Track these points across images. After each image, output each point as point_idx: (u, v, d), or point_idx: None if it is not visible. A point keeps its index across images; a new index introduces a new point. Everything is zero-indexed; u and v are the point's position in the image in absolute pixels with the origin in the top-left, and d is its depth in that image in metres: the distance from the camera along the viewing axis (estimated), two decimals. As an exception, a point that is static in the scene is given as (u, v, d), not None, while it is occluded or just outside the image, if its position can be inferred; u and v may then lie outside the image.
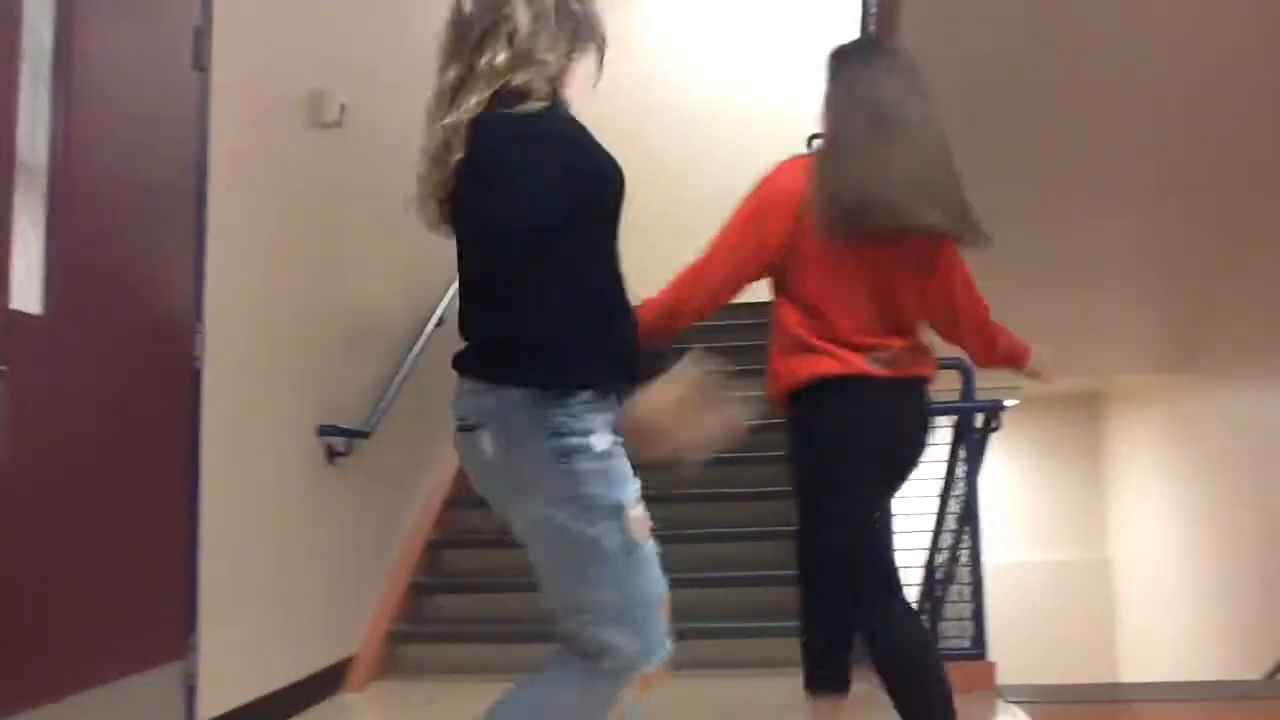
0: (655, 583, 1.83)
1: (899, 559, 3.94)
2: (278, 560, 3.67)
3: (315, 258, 4.03)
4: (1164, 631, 8.57)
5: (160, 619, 3.03)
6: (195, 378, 3.17)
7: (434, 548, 5.02)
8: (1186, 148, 5.65)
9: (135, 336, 2.96)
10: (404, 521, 4.94)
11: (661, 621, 1.84)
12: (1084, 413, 10.43)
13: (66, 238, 2.66)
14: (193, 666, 3.11)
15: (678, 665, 1.88)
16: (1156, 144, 5.65)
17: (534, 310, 1.78)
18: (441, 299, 5.28)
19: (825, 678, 2.67)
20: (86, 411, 2.73)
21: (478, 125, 1.87)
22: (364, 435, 4.22)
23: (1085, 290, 6.85)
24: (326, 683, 4.01)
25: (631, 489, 1.80)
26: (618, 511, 1.77)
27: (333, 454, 4.05)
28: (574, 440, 1.75)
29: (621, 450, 1.81)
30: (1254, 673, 6.16)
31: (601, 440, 1.77)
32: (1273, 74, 5.16)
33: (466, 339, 1.93)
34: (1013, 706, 3.58)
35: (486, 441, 1.82)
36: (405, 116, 5.06)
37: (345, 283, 4.31)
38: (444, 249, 1.94)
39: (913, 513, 4.32)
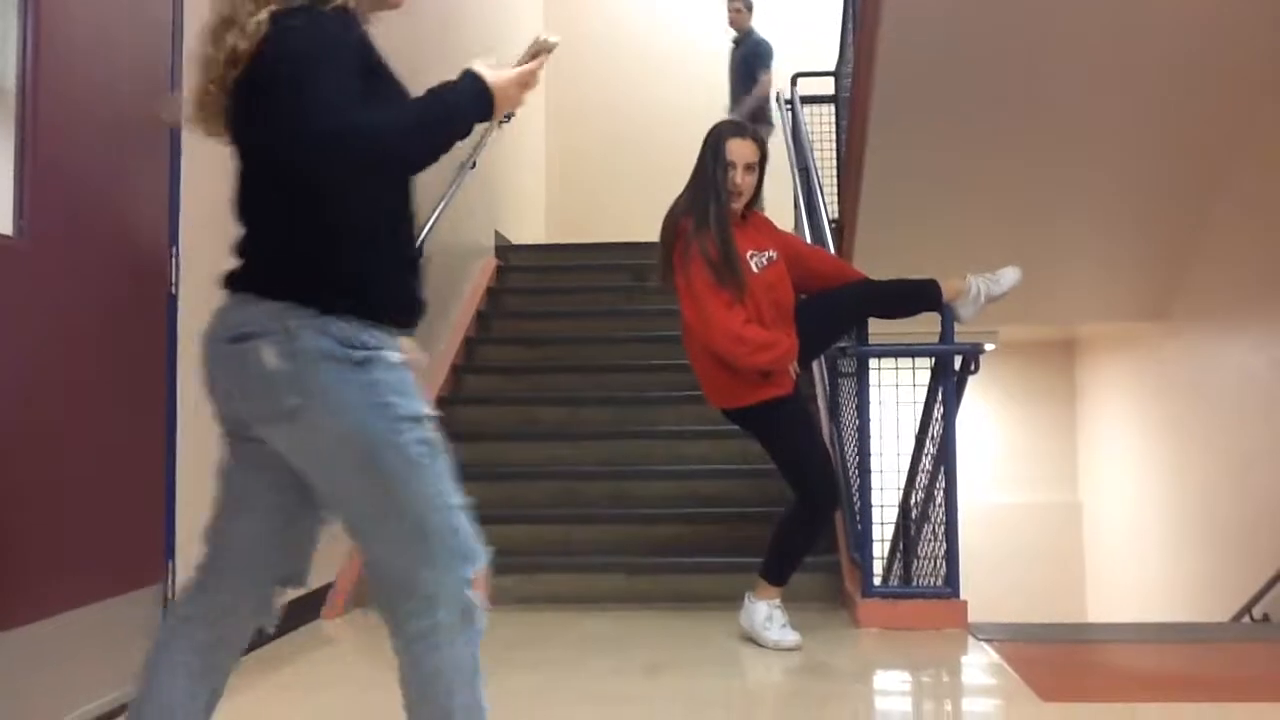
0: (454, 491, 1.81)
1: (877, 499, 4.04)
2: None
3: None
4: (1133, 574, 8.71)
5: (138, 543, 3.02)
6: (171, 303, 3.14)
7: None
8: (1165, 97, 5.65)
9: (109, 260, 2.91)
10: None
11: (469, 529, 1.82)
12: (1059, 358, 10.50)
13: (37, 159, 2.60)
14: (170, 590, 3.12)
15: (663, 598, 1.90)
16: (1135, 93, 5.65)
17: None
18: (422, 229, 5.24)
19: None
20: (59, 334, 2.69)
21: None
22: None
23: (1060, 238, 6.88)
24: (305, 609, 4.03)
25: (426, 401, 1.80)
26: (418, 421, 1.76)
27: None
28: (368, 353, 1.73)
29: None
30: (1221, 616, 6.28)
31: (394, 353, 1.77)
32: (1253, 24, 5.15)
33: None
34: (983, 644, 3.63)
35: (269, 352, 1.74)
36: (387, 46, 4.99)
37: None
38: (424, 178, 1.90)
39: (890, 453, 4.38)
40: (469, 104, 1.77)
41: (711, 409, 3.81)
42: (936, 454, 4.11)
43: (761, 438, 3.73)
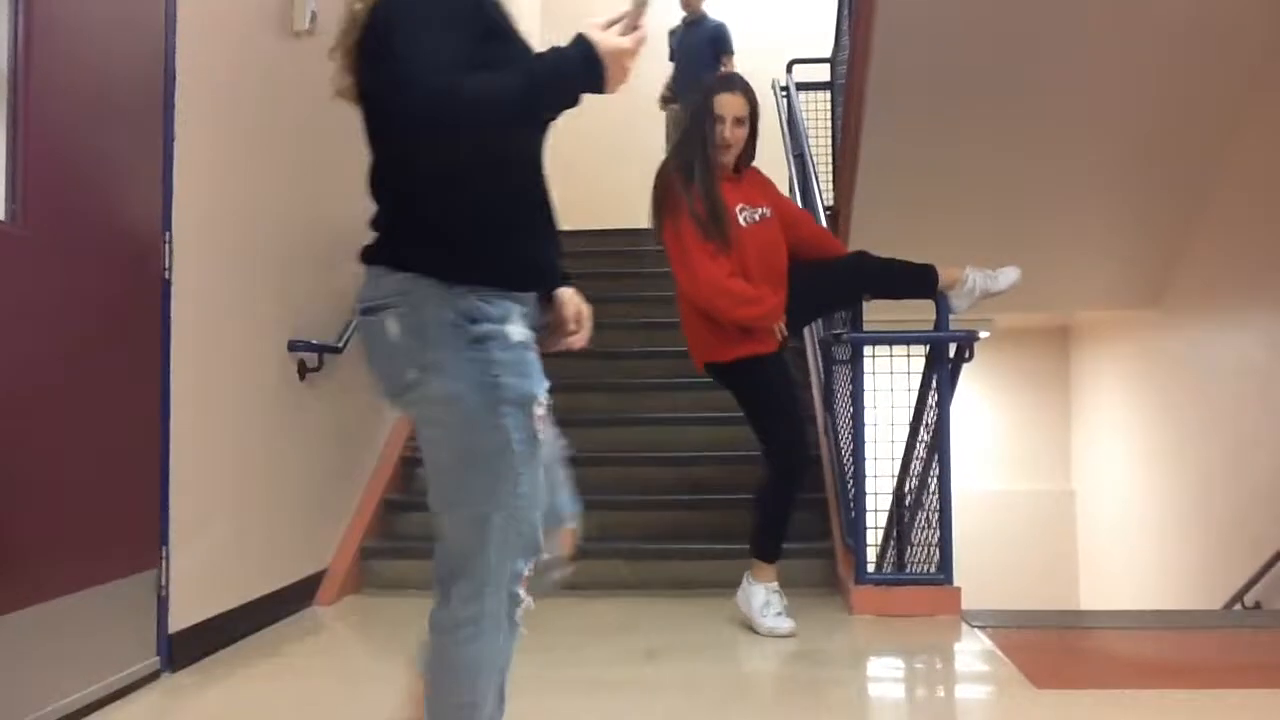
0: (541, 483, 1.79)
1: (872, 486, 4.04)
2: (249, 473, 3.66)
3: (288, 169, 3.96)
4: (1126, 562, 8.73)
5: (132, 529, 3.02)
6: (164, 288, 3.13)
7: (407, 464, 5.02)
8: (1162, 87, 5.66)
9: (103, 245, 2.90)
10: (377, 438, 4.94)
11: (541, 526, 1.80)
12: (1053, 346, 10.51)
13: (29, 145, 2.59)
14: (164, 577, 3.12)
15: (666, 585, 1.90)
16: (1132, 83, 5.65)
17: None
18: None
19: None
20: (53, 319, 2.68)
21: None
22: (336, 350, 4.19)
23: (1056, 225, 6.88)
24: (299, 595, 4.03)
25: (543, 386, 1.77)
26: (526, 405, 1.73)
27: (304, 369, 4.02)
28: (489, 327, 1.72)
29: (532, 344, 1.78)
30: (1214, 604, 6.30)
31: (518, 330, 1.75)
32: (1249, 17, 5.15)
33: None
34: (976, 630, 3.64)
35: (391, 322, 1.76)
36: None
37: (319, 195, 4.24)
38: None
39: (884, 440, 4.38)
40: (578, 71, 1.67)
41: (706, 386, 3.78)
42: (931, 441, 4.11)
43: (737, 394, 3.75)
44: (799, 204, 5.96)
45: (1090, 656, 3.55)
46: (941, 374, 3.99)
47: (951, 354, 3.97)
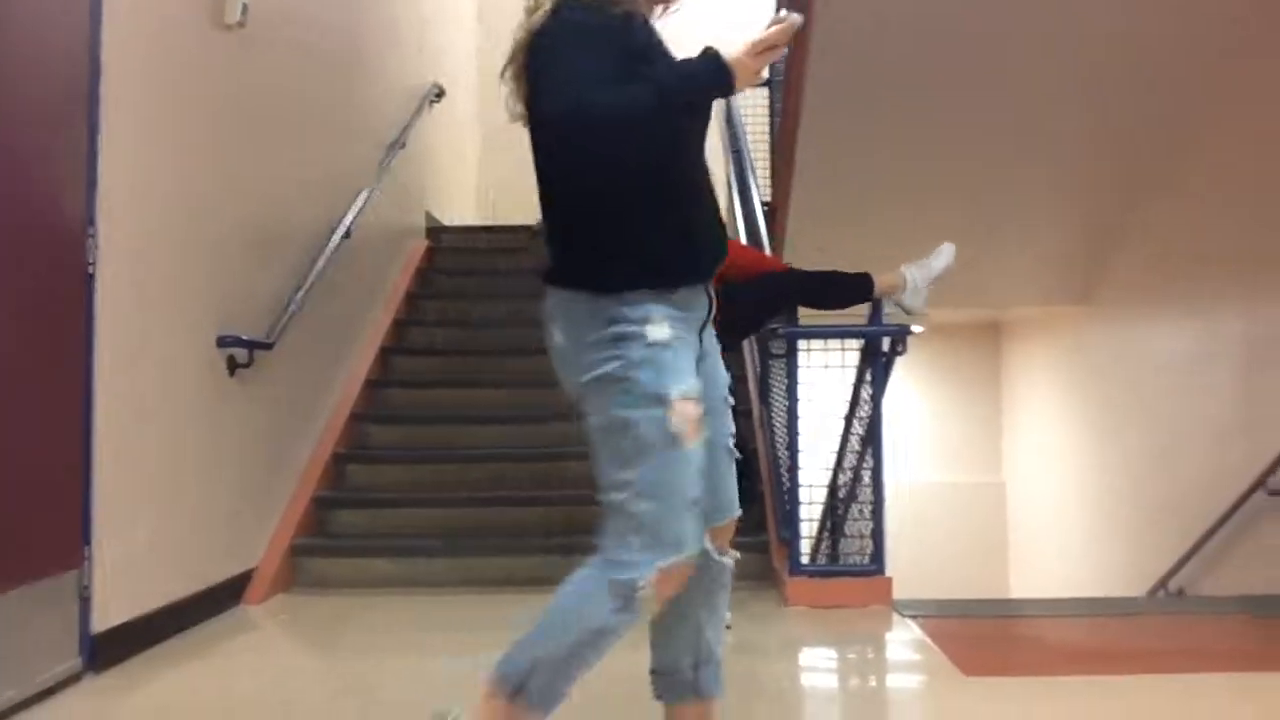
0: (687, 482, 1.86)
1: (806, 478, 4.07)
2: (176, 471, 3.59)
3: (217, 163, 3.89)
4: (1055, 553, 8.90)
5: (54, 528, 2.95)
6: (88, 282, 3.06)
7: (338, 461, 4.97)
8: (1092, 89, 5.75)
9: (24, 238, 2.83)
10: (308, 435, 4.87)
11: (688, 522, 1.86)
12: (984, 341, 10.67)
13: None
14: (87, 577, 3.05)
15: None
16: (1063, 83, 5.74)
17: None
18: (349, 209, 5.17)
19: None
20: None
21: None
22: (267, 346, 4.13)
23: (987, 222, 6.97)
24: (227, 595, 3.97)
25: (683, 384, 1.86)
26: (661, 401, 1.82)
27: (234, 365, 3.96)
28: (628, 328, 1.85)
29: (681, 343, 1.89)
30: (1140, 593, 6.44)
31: (658, 330, 1.85)
32: (1182, 21, 5.25)
33: None
34: (907, 619, 3.68)
35: (556, 333, 1.96)
36: (310, 20, 4.89)
37: (248, 190, 4.17)
38: (352, 158, 1.89)
39: (819, 433, 4.42)
40: (706, 76, 1.84)
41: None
42: (864, 434, 4.16)
43: None
44: (737, 200, 5.99)
45: (1019, 644, 3.62)
46: (875, 368, 4.03)
47: (885, 348, 4.02)
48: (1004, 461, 10.48)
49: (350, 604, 4.19)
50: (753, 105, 7.65)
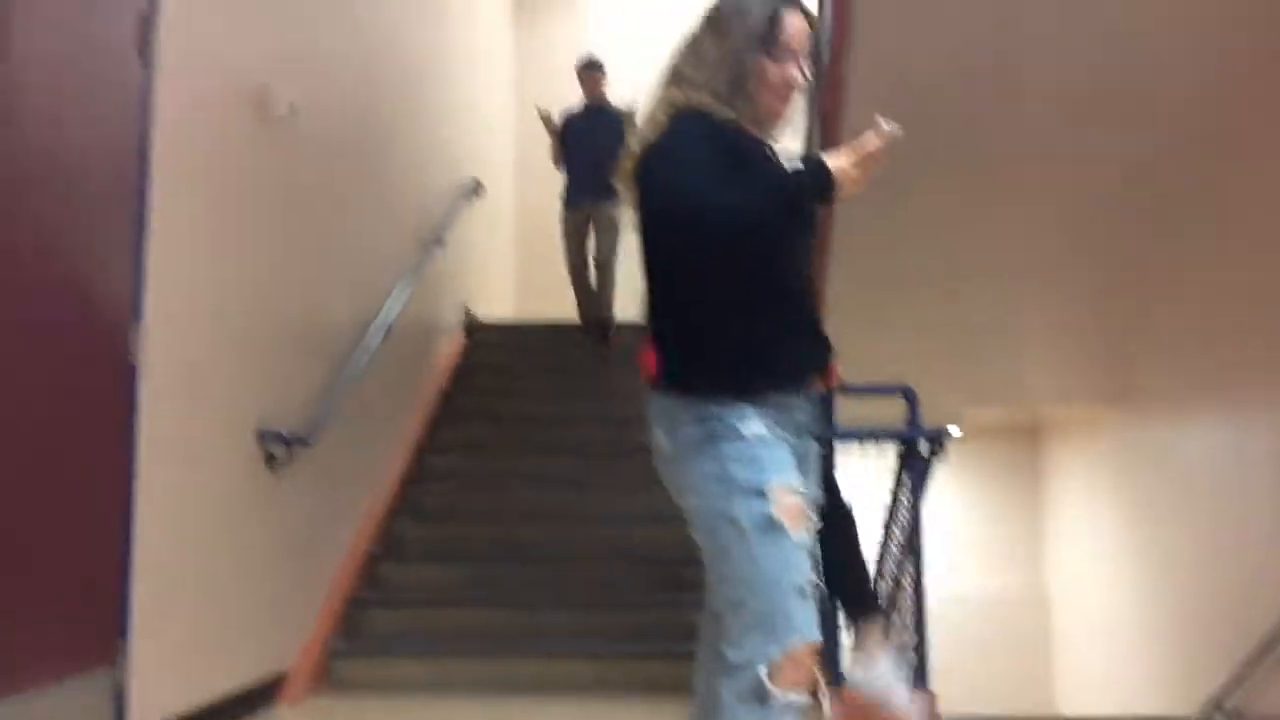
0: (794, 570, 1.88)
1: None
2: (213, 568, 3.57)
3: (260, 257, 3.94)
4: (1101, 663, 8.66)
5: (90, 624, 2.93)
6: (132, 376, 3.08)
7: (373, 560, 4.93)
8: (1127, 186, 5.76)
9: (71, 331, 2.86)
10: (343, 532, 4.85)
11: (799, 609, 1.87)
12: (1023, 444, 10.54)
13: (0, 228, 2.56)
14: (123, 674, 3.01)
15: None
16: (1096, 184, 5.75)
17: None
18: (389, 304, 5.21)
19: None
20: (17, 405, 2.63)
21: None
22: (305, 443, 4.13)
23: (1025, 323, 6.96)
24: (260, 696, 3.90)
25: (781, 476, 1.93)
26: (759, 493, 1.89)
27: (272, 460, 3.96)
28: (720, 425, 1.94)
29: (778, 440, 1.97)
30: (1190, 706, 6.23)
31: (751, 427, 1.94)
32: (1215, 113, 5.27)
33: None
34: (954, 736, 3.57)
35: (659, 436, 2.05)
36: (355, 114, 5.00)
37: (291, 284, 4.22)
38: (391, 254, 1.92)
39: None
40: (810, 182, 1.96)
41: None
42: (904, 541, 4.08)
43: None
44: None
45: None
46: (914, 471, 3.98)
47: (924, 452, 3.97)
48: (1047, 567, 10.27)
49: (383, 708, 4.12)
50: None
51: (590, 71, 6.97)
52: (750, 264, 1.98)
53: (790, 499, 1.90)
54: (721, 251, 1.95)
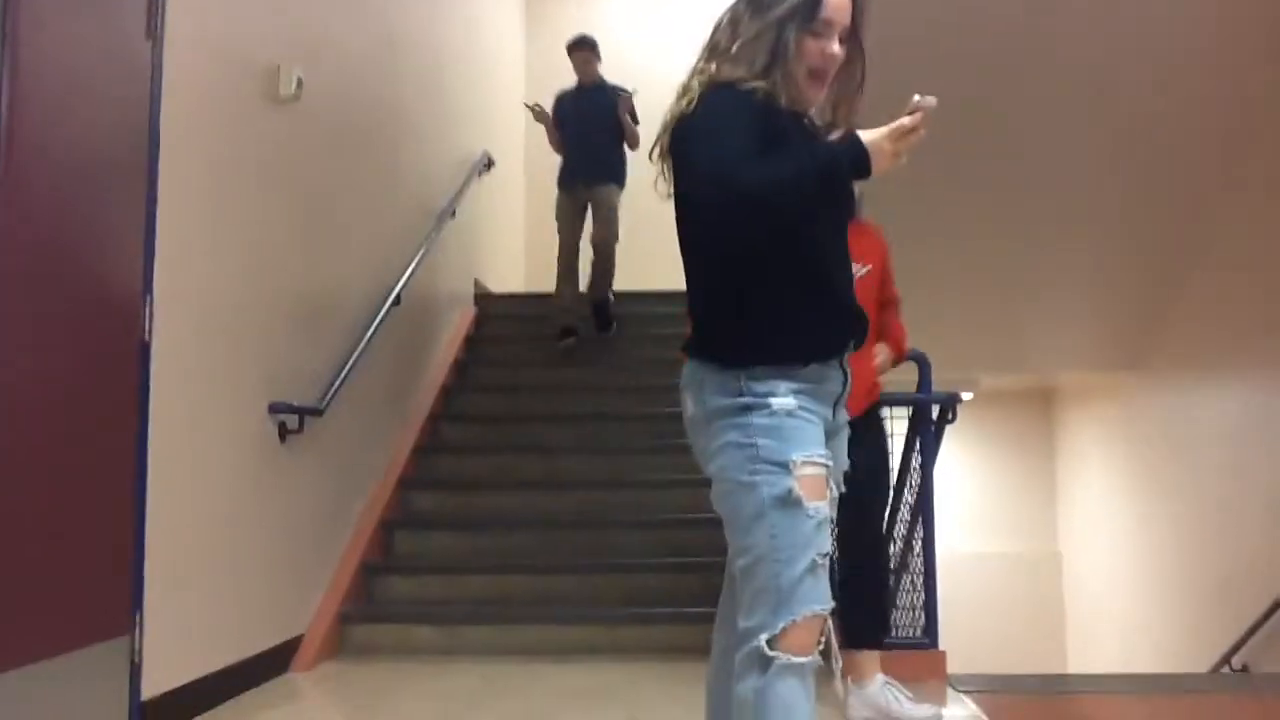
0: (811, 541, 1.89)
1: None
2: (226, 537, 3.61)
3: (270, 233, 3.96)
4: (1113, 624, 8.68)
5: (104, 594, 2.97)
6: (144, 351, 3.11)
7: (386, 528, 4.98)
8: (1144, 152, 5.73)
9: (83, 307, 2.88)
10: (356, 501, 4.89)
11: (811, 581, 1.88)
12: (1037, 408, 10.53)
13: (11, 207, 2.58)
14: (137, 642, 3.06)
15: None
16: (1115, 149, 5.72)
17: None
18: (400, 277, 5.23)
19: None
20: (34, 383, 2.66)
21: None
22: (317, 413, 4.16)
23: (1041, 289, 6.93)
24: (274, 662, 3.96)
25: (807, 450, 1.93)
26: (782, 466, 1.90)
27: (285, 432, 3.99)
28: (750, 397, 1.95)
29: (808, 414, 1.97)
30: (1201, 666, 6.26)
31: (783, 401, 1.94)
32: (1229, 84, 5.24)
33: None
34: (962, 695, 3.59)
35: (689, 402, 2.07)
36: (365, 90, 5.00)
37: (302, 258, 4.24)
38: (403, 227, 1.92)
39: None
40: (845, 158, 1.93)
41: (686, 449, 3.76)
42: (915, 503, 4.10)
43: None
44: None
45: (1078, 722, 3.51)
46: (925, 435, 3.98)
47: (935, 415, 3.97)
48: (1059, 531, 10.28)
49: (395, 672, 4.16)
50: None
51: (580, 49, 6.65)
52: (784, 238, 1.99)
53: (811, 470, 1.91)
54: (752, 226, 1.96)
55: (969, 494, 10.24)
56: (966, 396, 3.98)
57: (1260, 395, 5.97)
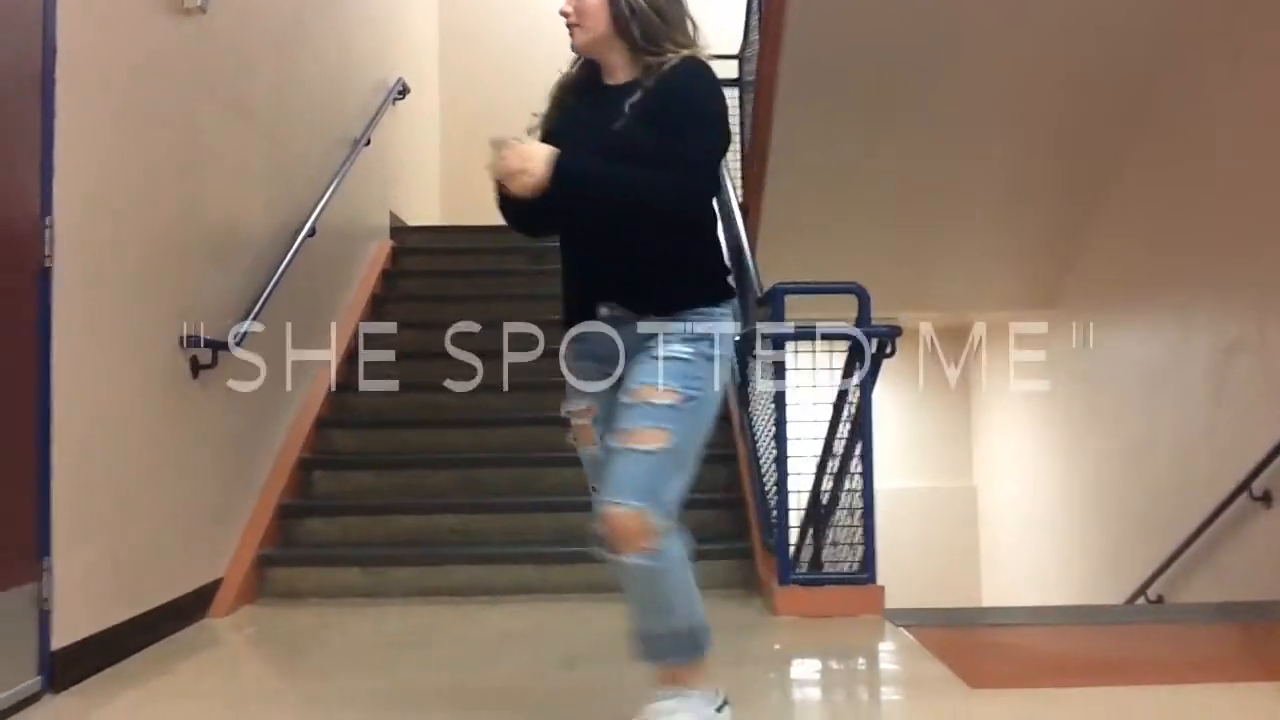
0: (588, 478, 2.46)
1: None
2: (138, 477, 3.41)
3: (177, 155, 3.71)
4: (1027, 558, 8.88)
5: (9, 540, 2.77)
6: (45, 277, 2.89)
7: (304, 467, 4.79)
8: (1053, 89, 5.76)
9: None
10: (274, 440, 4.70)
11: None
12: (954, 345, 10.64)
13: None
14: (46, 589, 2.87)
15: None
16: (1026, 92, 5.75)
17: None
18: (314, 206, 5.00)
19: None
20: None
21: None
22: (227, 348, 3.94)
23: (955, 229, 6.97)
24: (192, 607, 3.79)
25: (568, 404, 2.42)
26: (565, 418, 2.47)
27: (198, 366, 3.78)
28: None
29: (577, 368, 2.40)
30: (1116, 599, 6.40)
31: (565, 358, 2.43)
32: (1145, 18, 5.26)
33: None
34: (900, 629, 3.58)
35: None
36: (272, 10, 4.69)
37: (210, 184, 4.00)
38: (316, 154, 1.75)
39: (802, 437, 4.30)
40: None
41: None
42: (850, 438, 4.05)
43: None
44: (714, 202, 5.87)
45: (1013, 655, 3.51)
46: (864, 370, 3.92)
47: (874, 350, 3.91)
48: (975, 467, 10.47)
49: (317, 615, 4.02)
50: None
51: None
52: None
53: (577, 421, 2.42)
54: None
55: (887, 430, 10.33)
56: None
57: (1172, 334, 6.07)
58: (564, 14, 2.29)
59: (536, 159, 2.13)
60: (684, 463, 2.23)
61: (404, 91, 7.15)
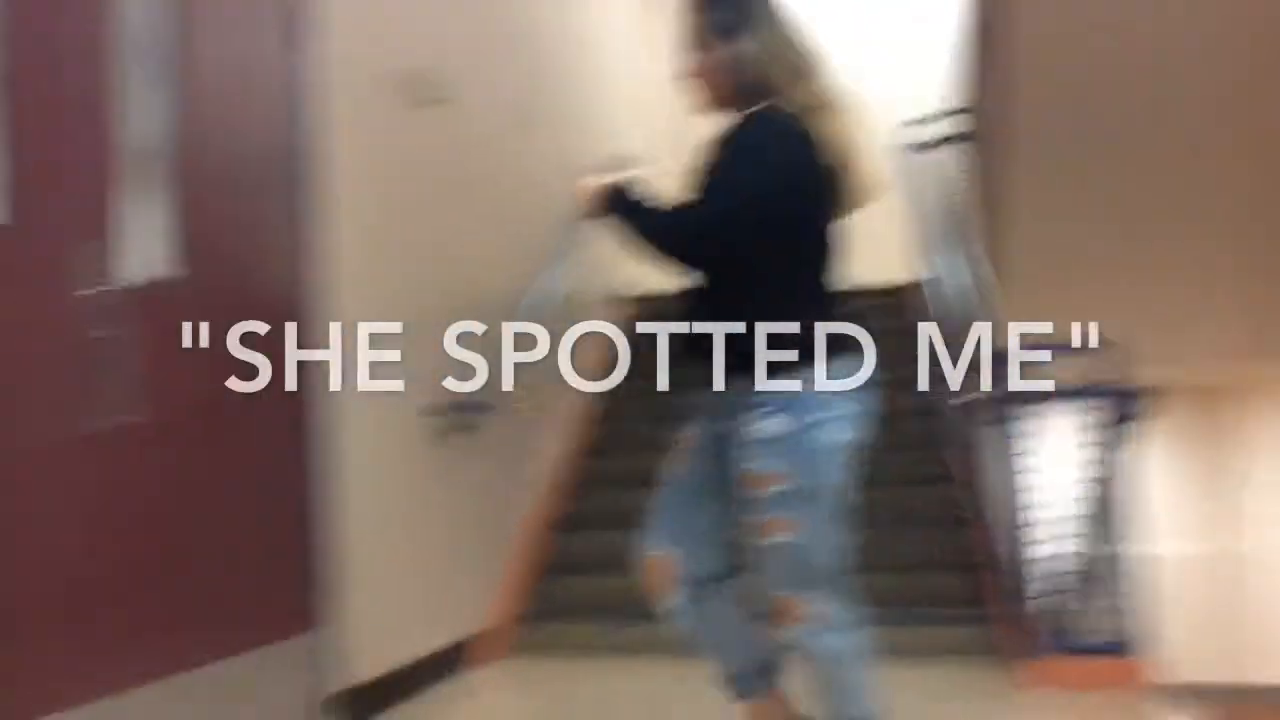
0: None
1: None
2: (402, 535, 3.63)
3: (431, 233, 3.99)
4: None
5: (290, 593, 3.00)
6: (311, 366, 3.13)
7: (555, 527, 4.97)
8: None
9: (255, 311, 2.90)
10: (524, 500, 4.89)
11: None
12: (1216, 405, 9.99)
13: (188, 217, 2.61)
14: (322, 640, 3.09)
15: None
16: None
17: None
18: (550, 278, 5.17)
19: None
20: (204, 381, 2.70)
21: None
22: (482, 410, 4.12)
23: (1215, 280, 6.58)
24: (453, 659, 3.98)
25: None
26: None
27: (456, 428, 3.98)
28: None
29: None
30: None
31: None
32: None
33: None
34: (1184, 708, 3.30)
35: None
36: (509, 96, 4.93)
37: (460, 258, 4.25)
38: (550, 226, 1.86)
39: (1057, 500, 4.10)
40: None
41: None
42: (1103, 502, 3.85)
43: None
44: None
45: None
46: (1116, 432, 3.74)
47: (1128, 411, 3.72)
48: (1245, 530, 9.75)
49: (572, 670, 4.12)
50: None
51: None
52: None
53: (681, 446, 2.56)
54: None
55: (1159, 493, 9.71)
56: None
57: None
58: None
59: (583, 188, 2.37)
60: (818, 538, 2.23)
61: (635, 164, 7.30)
